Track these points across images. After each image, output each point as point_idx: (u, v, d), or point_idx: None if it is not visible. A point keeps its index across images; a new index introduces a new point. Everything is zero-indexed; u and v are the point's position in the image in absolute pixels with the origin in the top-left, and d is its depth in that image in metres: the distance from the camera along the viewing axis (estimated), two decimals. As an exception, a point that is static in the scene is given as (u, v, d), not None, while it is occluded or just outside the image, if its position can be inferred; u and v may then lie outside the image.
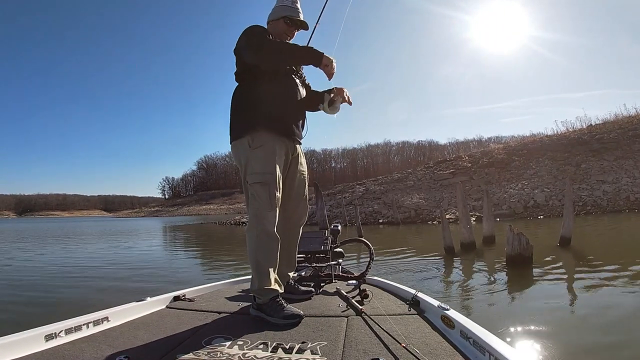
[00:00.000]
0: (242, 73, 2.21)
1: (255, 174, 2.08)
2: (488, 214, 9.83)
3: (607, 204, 17.59)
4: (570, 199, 8.90)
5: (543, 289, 5.22)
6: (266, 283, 2.02)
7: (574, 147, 22.76)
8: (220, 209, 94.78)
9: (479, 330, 1.51)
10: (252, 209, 2.09)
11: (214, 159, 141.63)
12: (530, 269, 6.32)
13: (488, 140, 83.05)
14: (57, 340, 1.65)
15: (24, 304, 5.82)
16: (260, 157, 2.08)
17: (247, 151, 2.09)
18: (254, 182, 2.07)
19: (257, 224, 2.06)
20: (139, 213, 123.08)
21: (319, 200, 17.08)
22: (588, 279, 5.65)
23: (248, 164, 2.10)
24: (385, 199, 22.86)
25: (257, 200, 2.06)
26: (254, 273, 2.05)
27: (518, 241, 6.43)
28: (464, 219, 8.90)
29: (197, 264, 10.54)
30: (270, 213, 2.07)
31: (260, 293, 2.01)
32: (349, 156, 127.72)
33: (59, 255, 13.03)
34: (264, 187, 2.06)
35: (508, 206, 18.38)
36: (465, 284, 6.01)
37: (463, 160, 26.36)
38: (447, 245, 8.49)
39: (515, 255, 6.47)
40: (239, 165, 2.17)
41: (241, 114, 2.17)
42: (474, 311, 4.33)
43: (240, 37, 2.16)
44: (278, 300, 1.99)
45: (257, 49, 2.07)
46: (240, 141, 2.12)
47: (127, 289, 6.64)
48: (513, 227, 6.60)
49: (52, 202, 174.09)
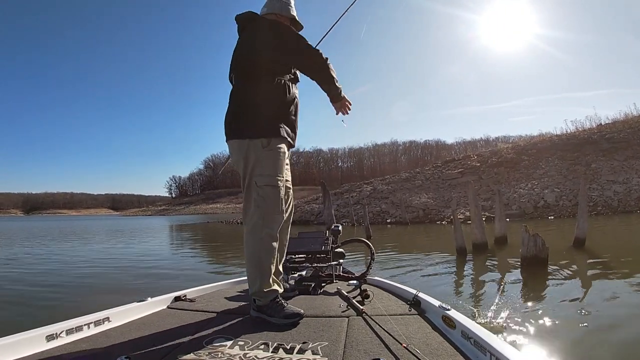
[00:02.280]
0: (260, 71, 2.12)
1: (266, 176, 2.04)
2: (500, 214, 9.75)
3: (617, 204, 17.41)
4: (584, 199, 8.78)
5: (558, 292, 5.11)
6: (267, 285, 2.03)
7: (583, 147, 22.53)
8: (227, 207, 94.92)
9: (480, 331, 1.51)
10: (259, 210, 2.03)
11: (221, 158, 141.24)
12: (545, 271, 6.23)
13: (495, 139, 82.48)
14: (58, 340, 1.66)
15: (25, 304, 5.81)
16: (272, 160, 2.06)
17: (258, 152, 2.04)
18: (265, 184, 2.04)
19: (263, 226, 2.03)
20: (145, 212, 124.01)
21: (327, 200, 17.11)
22: (604, 281, 5.58)
23: (257, 165, 2.05)
24: (393, 199, 22.77)
25: (266, 203, 2.03)
26: (255, 275, 2.03)
27: (534, 242, 6.34)
28: (477, 219, 8.80)
29: (202, 263, 10.51)
30: (278, 216, 2.07)
31: (261, 295, 2.01)
32: (355, 156, 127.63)
33: (61, 254, 13.04)
34: (274, 190, 2.05)
35: (518, 206, 18.23)
36: (479, 286, 5.93)
37: (472, 160, 26.19)
38: (459, 246, 8.36)
39: (530, 257, 6.38)
40: (242, 163, 2.08)
41: (262, 115, 2.09)
42: (489, 315, 4.24)
43: (273, 34, 2.11)
44: (278, 300, 2.01)
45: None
46: (253, 141, 2.05)
47: (128, 289, 6.65)
48: (528, 228, 6.51)
49: (60, 201, 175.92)
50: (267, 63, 2.12)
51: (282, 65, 2.17)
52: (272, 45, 2.11)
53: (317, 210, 21.79)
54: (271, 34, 2.12)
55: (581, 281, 5.79)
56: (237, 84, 2.18)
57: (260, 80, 2.11)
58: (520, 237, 6.59)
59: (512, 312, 4.25)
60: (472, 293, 5.59)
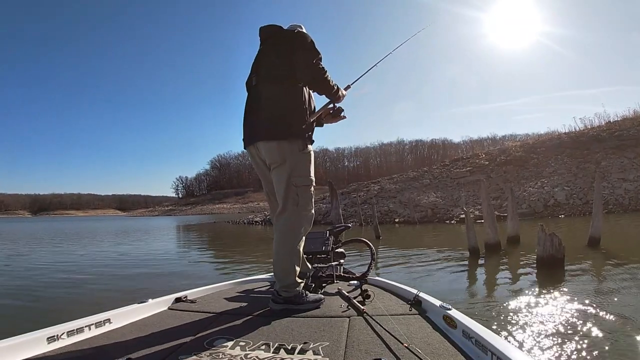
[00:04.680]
0: (287, 74, 2.23)
1: (304, 176, 2.20)
2: (513, 213, 9.64)
3: (629, 202, 17.23)
4: (599, 197, 8.68)
5: (575, 294, 4.97)
6: (296, 277, 2.18)
7: (592, 145, 22.29)
8: (234, 208, 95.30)
9: (481, 330, 1.50)
10: (298, 209, 2.18)
11: (227, 158, 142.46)
12: (562, 271, 6.16)
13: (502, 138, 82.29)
14: (59, 342, 1.66)
15: (25, 306, 5.82)
16: (307, 162, 2.23)
17: (295, 154, 2.17)
18: (303, 184, 2.20)
19: (304, 222, 2.21)
20: (152, 212, 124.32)
21: (334, 199, 17.05)
22: (622, 282, 5.48)
23: (296, 167, 2.17)
24: (401, 198, 22.66)
25: (304, 201, 2.20)
26: (290, 269, 2.16)
27: (550, 242, 6.26)
28: (489, 219, 8.70)
29: (206, 264, 10.46)
30: (311, 214, 2.26)
31: (293, 286, 2.14)
32: (362, 155, 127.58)
33: (63, 255, 13.12)
34: (309, 190, 2.23)
35: (528, 205, 18.07)
36: (495, 288, 5.88)
37: (480, 158, 26.03)
38: (471, 246, 8.27)
39: (546, 257, 6.30)
40: (284, 164, 2.18)
41: (300, 119, 2.21)
42: (501, 318, 4.17)
43: (310, 50, 2.22)
44: (302, 291, 2.18)
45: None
46: (290, 142, 2.16)
47: (129, 291, 6.64)
48: (545, 227, 6.43)
49: (67, 202, 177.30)
50: (292, 69, 2.22)
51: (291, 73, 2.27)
52: (299, 53, 2.23)
53: (324, 210, 21.68)
54: (302, 43, 2.23)
55: (599, 283, 5.69)
56: (265, 89, 2.26)
57: (289, 85, 2.23)
58: (533, 236, 6.52)
59: (522, 315, 4.20)
60: (489, 295, 5.53)
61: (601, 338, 3.46)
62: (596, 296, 4.87)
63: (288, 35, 2.27)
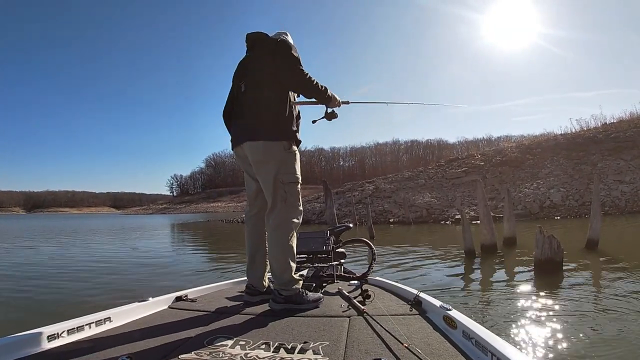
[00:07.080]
0: (273, 80, 2.30)
1: (291, 174, 2.29)
2: (509, 214, 9.46)
3: (625, 204, 17.17)
4: (597, 199, 8.48)
5: (573, 296, 4.86)
6: (292, 273, 2.20)
7: (589, 146, 22.25)
8: (228, 206, 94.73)
9: (481, 331, 1.50)
10: (287, 205, 2.25)
11: (223, 157, 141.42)
12: (560, 275, 5.98)
13: (497, 139, 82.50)
14: (60, 340, 1.67)
15: (25, 305, 5.73)
16: (294, 160, 2.32)
17: (282, 153, 2.26)
18: (291, 181, 2.28)
19: (294, 218, 2.27)
20: (147, 210, 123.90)
21: (328, 199, 16.83)
22: (621, 285, 5.32)
23: (283, 165, 2.26)
24: (396, 198, 22.48)
25: (293, 197, 2.28)
26: (285, 266, 2.19)
27: (549, 244, 6.06)
28: (485, 219, 8.49)
29: (203, 263, 10.35)
30: (300, 210, 2.33)
31: (291, 284, 2.17)
32: (357, 155, 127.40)
33: (62, 253, 12.95)
34: (296, 187, 2.30)
35: (523, 206, 17.95)
36: (491, 290, 5.66)
37: (475, 159, 25.95)
38: (467, 247, 8.07)
39: (544, 260, 6.11)
40: (267, 162, 2.26)
41: (286, 121, 2.30)
42: (499, 320, 4.06)
43: (290, 57, 2.28)
44: (302, 290, 2.20)
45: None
46: (277, 143, 2.25)
47: (130, 289, 6.53)
48: (543, 229, 6.24)
49: (61, 199, 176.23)
50: (277, 75, 2.30)
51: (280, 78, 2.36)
52: (281, 59, 2.31)
53: (318, 210, 21.48)
54: (282, 50, 2.31)
55: (598, 286, 5.53)
56: (254, 94, 2.33)
57: (275, 90, 2.31)
58: (529, 237, 6.36)
59: (522, 317, 4.10)
60: (487, 297, 5.31)
61: (600, 340, 3.42)
62: (595, 299, 4.77)
63: (272, 42, 2.34)
